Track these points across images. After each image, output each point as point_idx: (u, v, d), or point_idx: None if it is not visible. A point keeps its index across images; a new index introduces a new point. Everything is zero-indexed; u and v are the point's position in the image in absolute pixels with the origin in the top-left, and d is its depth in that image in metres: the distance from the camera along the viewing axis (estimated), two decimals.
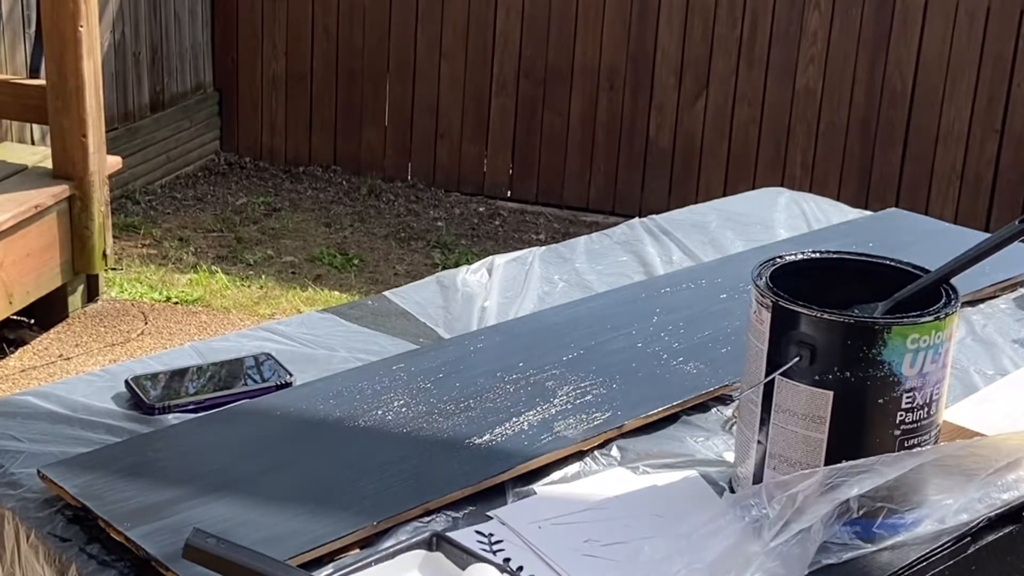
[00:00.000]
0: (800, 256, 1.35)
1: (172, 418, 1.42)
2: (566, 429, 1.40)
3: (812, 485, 1.18)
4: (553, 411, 1.44)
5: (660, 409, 1.46)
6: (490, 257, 1.92)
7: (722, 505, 1.22)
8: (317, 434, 1.38)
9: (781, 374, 1.22)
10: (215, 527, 1.17)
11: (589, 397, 1.47)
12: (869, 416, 1.21)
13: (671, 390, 1.50)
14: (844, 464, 1.19)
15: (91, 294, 3.95)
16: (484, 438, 1.38)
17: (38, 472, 1.27)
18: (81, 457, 1.30)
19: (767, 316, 1.23)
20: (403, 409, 1.43)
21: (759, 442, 1.26)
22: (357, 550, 1.20)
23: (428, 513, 1.26)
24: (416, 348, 1.62)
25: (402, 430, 1.39)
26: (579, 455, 1.38)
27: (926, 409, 1.22)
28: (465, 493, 1.28)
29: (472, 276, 1.86)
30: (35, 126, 4.19)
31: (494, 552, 1.20)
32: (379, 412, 1.42)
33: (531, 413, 1.43)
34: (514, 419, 1.41)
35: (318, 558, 1.18)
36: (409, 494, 1.26)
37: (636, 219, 2.15)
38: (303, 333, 1.66)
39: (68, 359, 3.61)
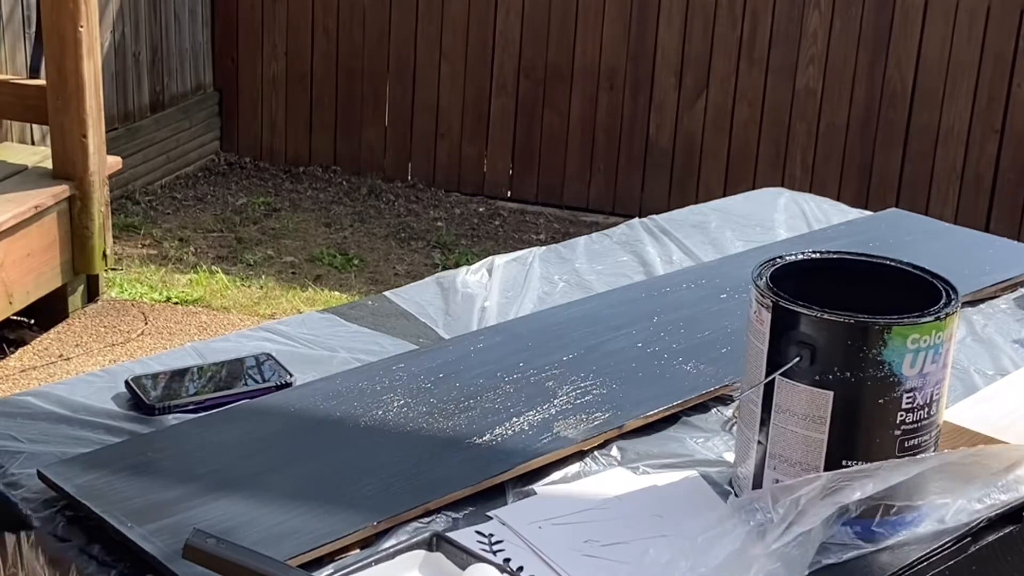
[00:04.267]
0: (800, 256, 1.35)
1: (172, 418, 1.42)
2: (566, 429, 1.40)
3: (815, 488, 1.18)
4: (553, 411, 1.44)
5: (660, 409, 1.46)
6: (490, 257, 1.92)
7: (727, 509, 1.22)
8: (317, 434, 1.38)
9: (781, 374, 1.22)
10: (215, 527, 1.17)
11: (589, 397, 1.47)
12: (869, 416, 1.21)
13: (671, 390, 1.50)
14: (849, 469, 1.19)
15: (91, 294, 3.95)
16: (484, 438, 1.38)
17: (38, 472, 1.27)
18: (81, 457, 1.30)
19: (767, 316, 1.23)
20: (403, 409, 1.43)
21: (759, 442, 1.26)
22: (357, 550, 1.20)
23: (428, 513, 1.26)
24: (416, 348, 1.62)
25: (402, 430, 1.39)
26: (579, 455, 1.38)
27: (926, 409, 1.22)
28: (465, 493, 1.28)
29: (472, 276, 1.86)
30: (35, 126, 4.19)
31: (494, 552, 1.20)
32: (379, 412, 1.42)
33: (531, 413, 1.43)
34: (514, 419, 1.41)
35: (318, 558, 1.18)
36: (409, 494, 1.26)
37: (636, 219, 2.15)
38: (303, 333, 1.66)
39: (68, 359, 3.61)
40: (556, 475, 1.35)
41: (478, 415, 1.42)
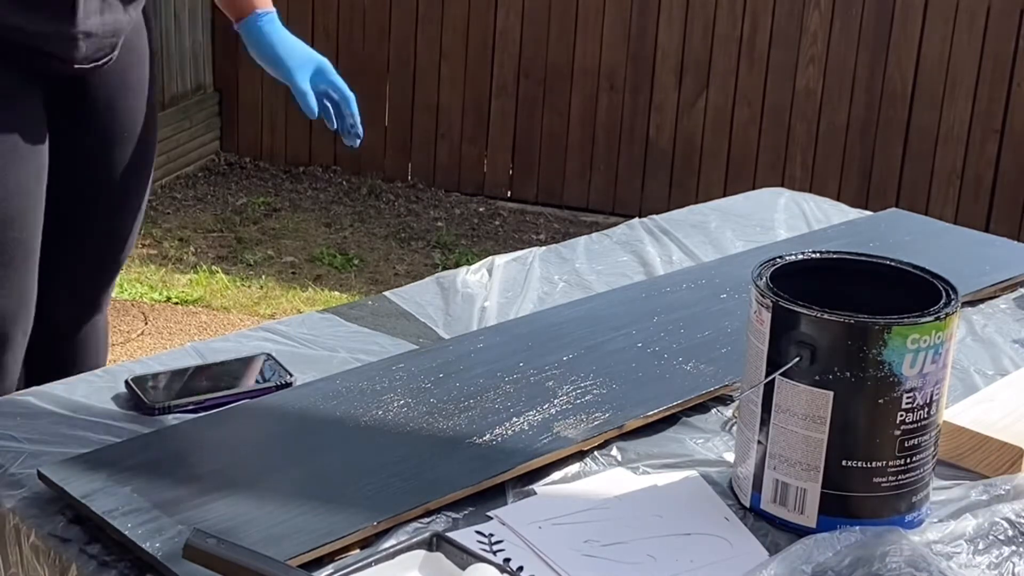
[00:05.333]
0: (800, 256, 1.35)
1: (172, 418, 1.42)
2: (566, 429, 1.40)
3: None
4: (553, 411, 1.43)
5: (660, 409, 1.46)
6: (490, 257, 1.92)
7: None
8: (317, 434, 1.38)
9: (781, 374, 1.22)
10: (215, 527, 1.17)
11: (589, 397, 1.47)
12: (869, 416, 1.21)
13: (671, 390, 1.50)
14: None
15: None
16: (484, 438, 1.38)
17: (38, 473, 1.27)
18: (81, 457, 1.30)
19: (767, 316, 1.23)
20: (403, 409, 1.43)
21: (759, 442, 1.26)
22: (357, 550, 1.20)
23: (428, 513, 1.26)
24: (416, 348, 1.62)
25: (402, 430, 1.39)
26: (579, 455, 1.38)
27: (926, 409, 1.22)
28: (466, 493, 1.28)
29: (472, 276, 1.86)
30: None
31: (494, 552, 1.20)
32: (379, 412, 1.42)
33: (531, 413, 1.43)
34: (514, 419, 1.41)
35: (318, 558, 1.18)
36: (409, 494, 1.26)
37: (636, 219, 2.15)
38: (303, 333, 1.66)
39: None
40: (556, 475, 1.35)
41: (478, 415, 1.42)
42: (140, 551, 1.16)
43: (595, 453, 1.39)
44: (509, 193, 5.09)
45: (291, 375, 1.52)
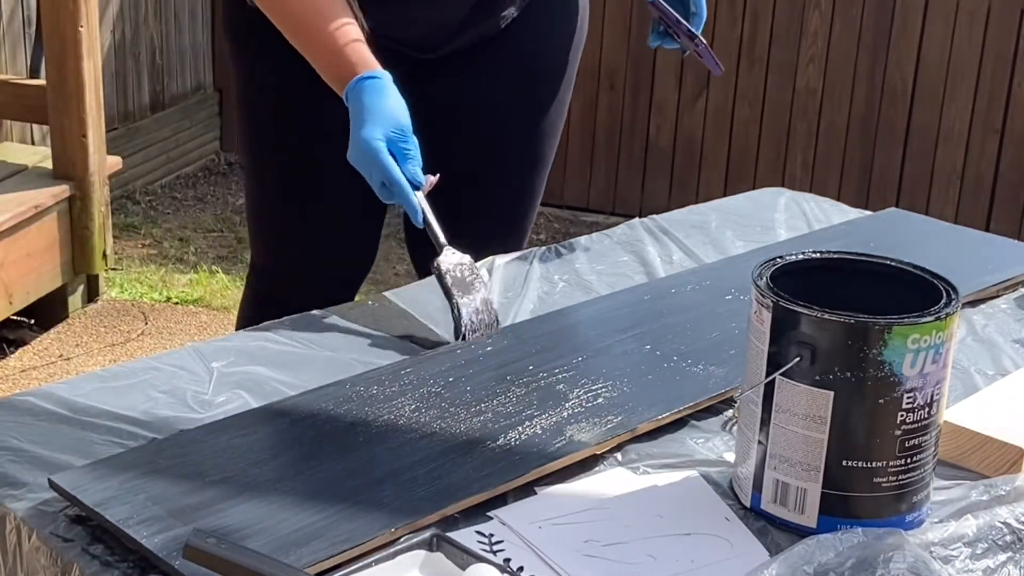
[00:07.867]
0: (800, 256, 1.35)
1: (179, 425, 1.41)
2: (580, 433, 1.39)
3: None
4: (565, 414, 1.43)
5: (673, 412, 1.45)
6: (490, 257, 1.92)
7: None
8: (330, 440, 1.37)
9: (781, 374, 1.22)
10: (233, 534, 1.16)
11: (601, 400, 1.47)
12: (870, 416, 1.21)
13: (683, 393, 1.50)
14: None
15: (91, 294, 3.94)
16: (498, 442, 1.37)
17: (49, 481, 1.26)
18: (92, 466, 1.29)
19: (767, 316, 1.24)
20: (415, 414, 1.42)
21: (759, 442, 1.26)
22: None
23: (445, 519, 1.25)
24: (423, 352, 1.61)
25: (415, 435, 1.38)
26: (590, 457, 1.38)
27: (927, 409, 1.22)
28: (483, 497, 1.27)
29: None
30: (35, 126, 4.19)
31: (494, 552, 1.20)
32: (391, 417, 1.41)
33: (543, 417, 1.42)
34: (526, 423, 1.41)
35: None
36: (427, 500, 1.25)
37: (636, 219, 2.15)
38: (304, 333, 1.66)
39: (68, 359, 3.61)
40: (556, 475, 1.35)
41: (491, 419, 1.42)
42: (158, 560, 1.14)
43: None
44: None
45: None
